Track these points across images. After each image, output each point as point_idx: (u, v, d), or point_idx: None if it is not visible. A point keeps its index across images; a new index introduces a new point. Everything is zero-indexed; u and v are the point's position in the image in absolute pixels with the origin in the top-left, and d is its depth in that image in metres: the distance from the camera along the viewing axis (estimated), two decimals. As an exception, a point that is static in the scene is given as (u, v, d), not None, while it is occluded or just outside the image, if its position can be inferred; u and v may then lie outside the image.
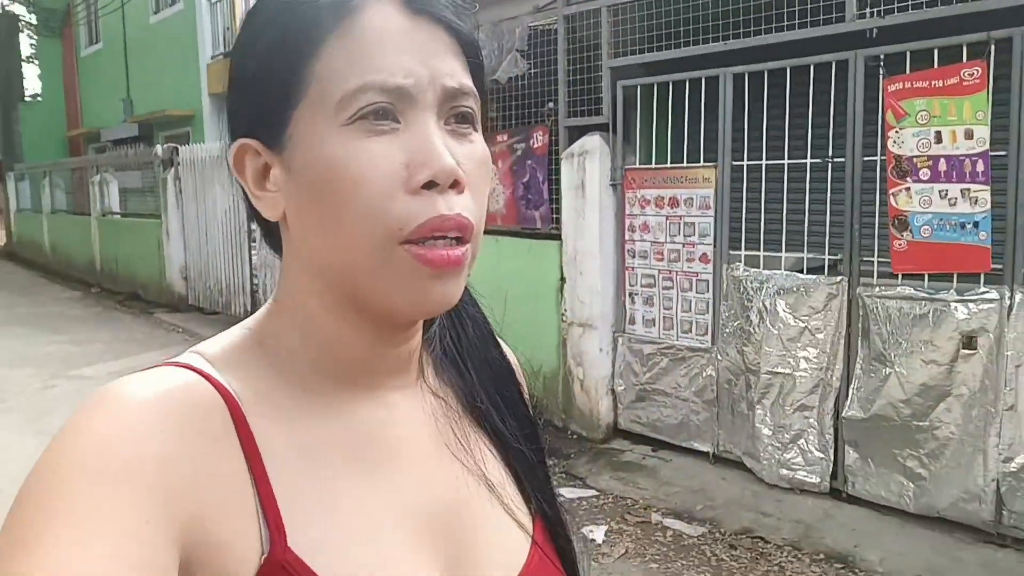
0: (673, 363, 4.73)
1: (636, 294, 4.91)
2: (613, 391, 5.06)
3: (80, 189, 13.82)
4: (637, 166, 4.86)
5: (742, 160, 4.42)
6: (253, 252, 8.80)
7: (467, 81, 0.57)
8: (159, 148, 10.56)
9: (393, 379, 0.63)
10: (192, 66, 12.11)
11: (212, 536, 0.50)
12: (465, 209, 0.55)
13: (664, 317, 4.78)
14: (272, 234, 0.63)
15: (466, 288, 0.71)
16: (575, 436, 5.13)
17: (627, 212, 4.89)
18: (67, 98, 18.52)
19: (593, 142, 4.91)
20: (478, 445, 0.68)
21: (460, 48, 0.57)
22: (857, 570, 3.43)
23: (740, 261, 4.39)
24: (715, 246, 4.47)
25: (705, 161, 4.49)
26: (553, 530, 0.70)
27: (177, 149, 10.21)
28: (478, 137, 0.58)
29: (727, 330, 4.44)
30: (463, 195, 0.55)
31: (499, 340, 0.74)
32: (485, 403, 0.69)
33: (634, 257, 4.89)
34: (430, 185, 0.53)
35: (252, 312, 0.63)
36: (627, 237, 4.91)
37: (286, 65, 0.54)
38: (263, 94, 0.56)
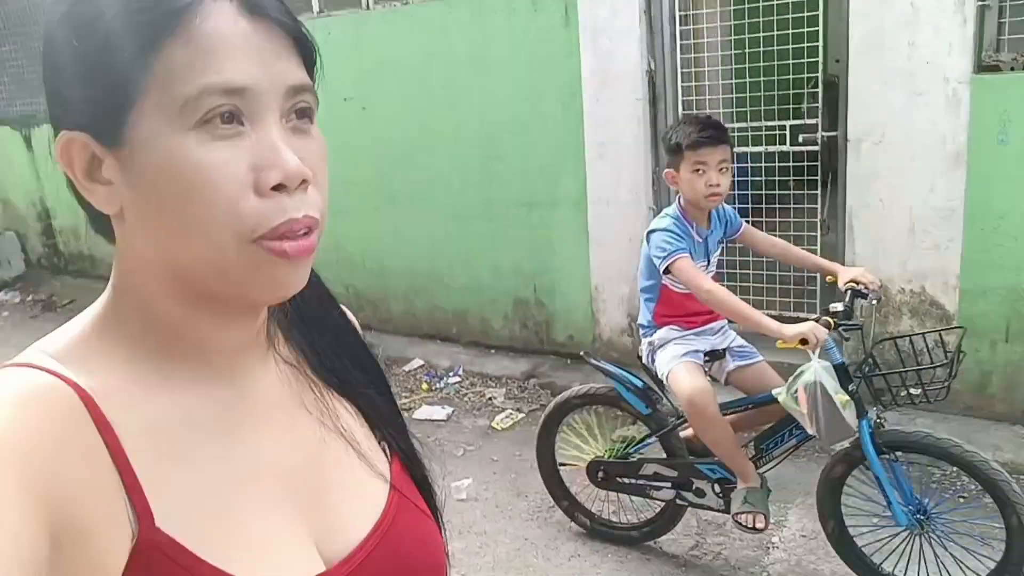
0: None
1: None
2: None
3: None
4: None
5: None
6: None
7: (306, 78, 0.59)
8: None
9: (244, 352, 0.65)
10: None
11: (80, 523, 0.50)
12: (312, 207, 0.57)
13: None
14: (100, 220, 0.61)
15: None
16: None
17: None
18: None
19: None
20: (332, 403, 0.71)
21: (295, 45, 0.58)
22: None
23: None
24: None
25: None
26: (410, 464, 0.76)
27: None
28: (315, 129, 0.60)
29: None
30: (309, 192, 0.57)
31: (334, 298, 0.77)
32: (332, 361, 0.73)
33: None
34: (279, 187, 0.55)
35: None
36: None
37: (123, 63, 0.53)
38: (97, 89, 0.55)
